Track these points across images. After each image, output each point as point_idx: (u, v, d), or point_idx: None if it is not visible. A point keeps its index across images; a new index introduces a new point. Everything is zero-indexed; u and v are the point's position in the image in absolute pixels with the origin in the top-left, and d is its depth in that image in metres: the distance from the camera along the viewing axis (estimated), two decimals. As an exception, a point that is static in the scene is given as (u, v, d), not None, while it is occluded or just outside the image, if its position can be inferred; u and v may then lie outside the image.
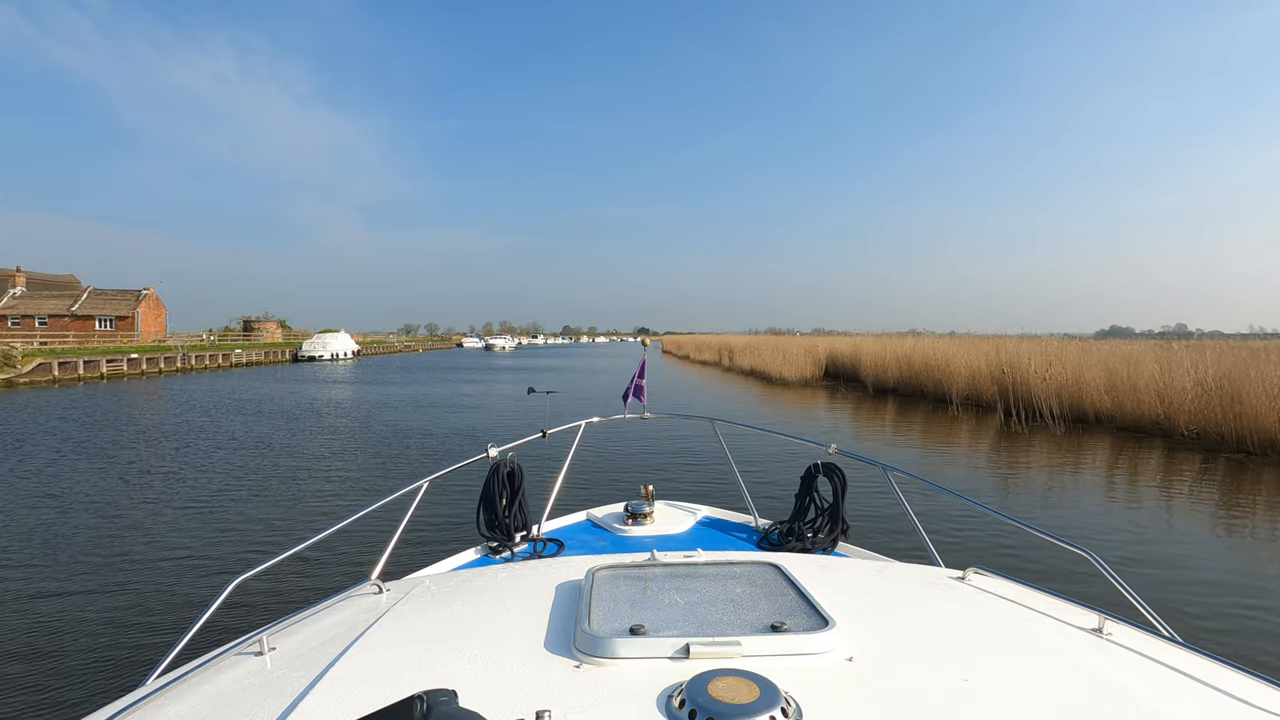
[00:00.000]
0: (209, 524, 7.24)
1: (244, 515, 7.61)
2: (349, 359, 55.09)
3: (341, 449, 12.22)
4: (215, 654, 1.26)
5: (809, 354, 30.54)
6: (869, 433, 14.90)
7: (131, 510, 7.80)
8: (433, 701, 0.78)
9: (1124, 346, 18.29)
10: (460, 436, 13.67)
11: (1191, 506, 8.32)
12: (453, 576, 1.75)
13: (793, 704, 0.97)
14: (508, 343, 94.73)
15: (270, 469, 10.32)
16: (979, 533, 6.80)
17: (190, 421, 15.96)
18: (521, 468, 2.87)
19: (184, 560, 6.05)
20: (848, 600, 1.39)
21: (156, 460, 10.99)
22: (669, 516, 3.14)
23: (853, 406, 20.13)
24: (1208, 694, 1.10)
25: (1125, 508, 8.25)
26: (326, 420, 16.46)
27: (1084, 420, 15.41)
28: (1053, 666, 1.15)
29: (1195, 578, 5.74)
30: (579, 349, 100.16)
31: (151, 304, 54.47)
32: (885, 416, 17.83)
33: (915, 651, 1.18)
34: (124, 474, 9.89)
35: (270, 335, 66.94)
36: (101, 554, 6.21)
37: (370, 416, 17.21)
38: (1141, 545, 6.69)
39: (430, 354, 71.62)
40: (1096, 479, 9.93)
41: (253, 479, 9.55)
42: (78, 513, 7.68)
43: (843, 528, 2.77)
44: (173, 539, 6.70)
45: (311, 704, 1.04)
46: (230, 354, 44.42)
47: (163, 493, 8.69)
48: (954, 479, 9.77)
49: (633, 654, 1.12)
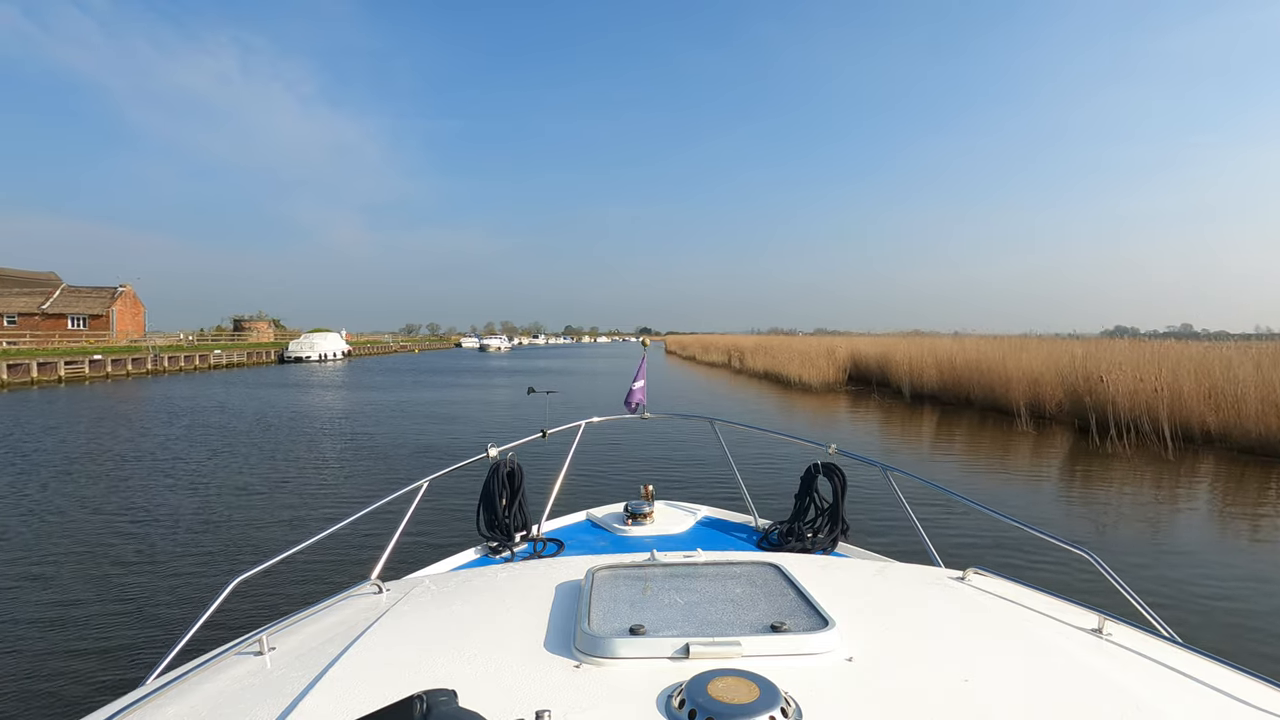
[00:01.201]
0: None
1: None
2: (339, 360, 52.77)
3: (265, 481, 9.54)
4: (215, 653, 1.26)
5: (828, 355, 27.79)
6: (922, 449, 12.79)
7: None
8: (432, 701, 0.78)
9: (1203, 349, 15.18)
10: (436, 454, 11.78)
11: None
12: (453, 576, 1.75)
13: (792, 704, 0.97)
14: (503, 343, 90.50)
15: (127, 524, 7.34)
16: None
17: (98, 442, 12.86)
18: (521, 468, 2.87)
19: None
20: (847, 600, 1.39)
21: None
22: (669, 516, 3.14)
23: (886, 414, 18.01)
24: (1207, 694, 1.10)
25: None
26: (272, 435, 13.85)
27: (1190, 439, 12.60)
28: (1052, 667, 1.15)
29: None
30: (580, 349, 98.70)
31: (128, 302, 51.62)
32: (932, 428, 15.62)
33: (915, 652, 1.18)
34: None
35: (262, 335, 65.21)
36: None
37: (327, 430, 14.64)
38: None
39: (426, 355, 69.59)
40: (1266, 521, 7.62)
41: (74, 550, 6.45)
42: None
43: (843, 528, 2.77)
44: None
45: (311, 704, 1.04)
46: (209, 355, 41.61)
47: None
48: (1056, 514, 8.03)
49: (632, 654, 1.12)
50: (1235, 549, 6.78)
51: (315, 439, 13.58)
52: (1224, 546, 6.88)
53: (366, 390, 26.07)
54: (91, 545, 6.63)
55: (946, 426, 15.95)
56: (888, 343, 28.24)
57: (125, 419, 16.93)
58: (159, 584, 5.61)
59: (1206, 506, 8.48)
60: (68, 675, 4.12)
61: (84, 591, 5.43)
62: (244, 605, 4.72)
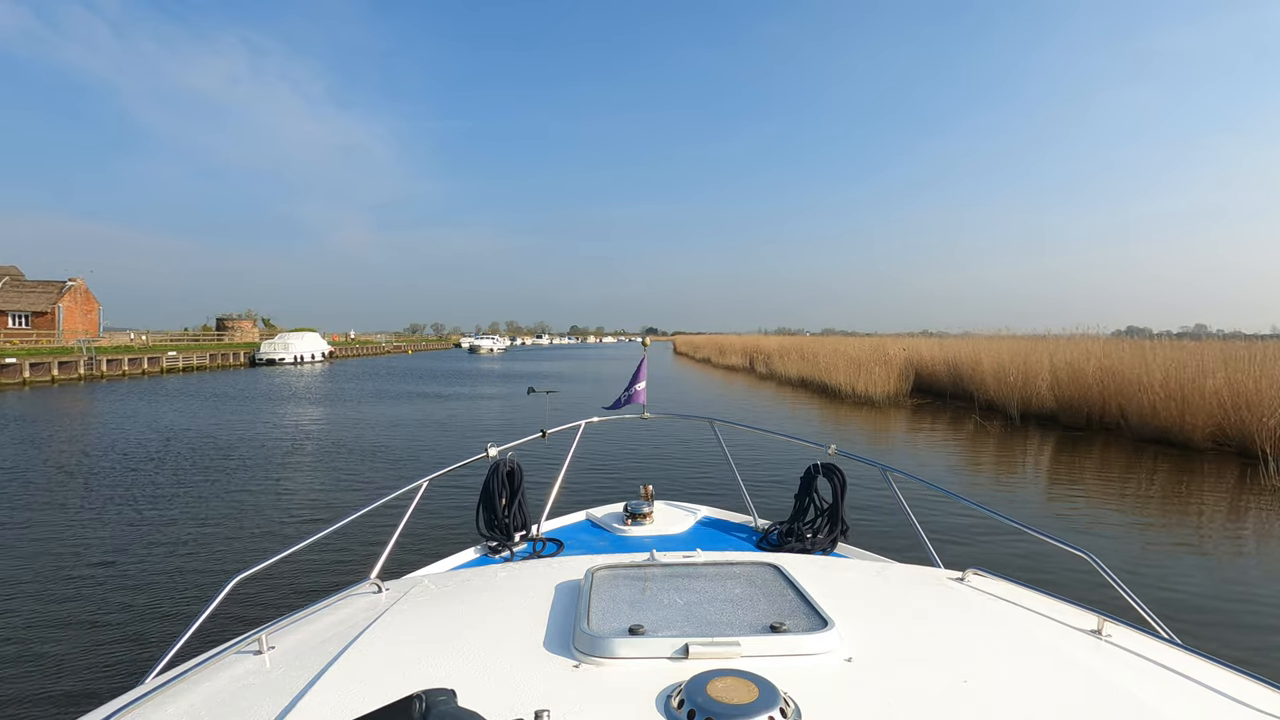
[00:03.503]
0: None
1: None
2: (317, 363, 49.13)
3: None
4: (214, 652, 1.26)
5: (881, 359, 22.29)
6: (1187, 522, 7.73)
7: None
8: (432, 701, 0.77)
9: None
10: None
11: None
12: (452, 576, 1.75)
13: (791, 704, 0.97)
14: (495, 344, 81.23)
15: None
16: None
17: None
18: (521, 467, 2.87)
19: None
20: (847, 601, 1.39)
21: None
22: (668, 516, 3.14)
23: (1010, 443, 13.27)
24: (1206, 695, 1.10)
25: None
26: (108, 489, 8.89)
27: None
28: (1051, 667, 1.15)
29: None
30: (583, 350, 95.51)
31: (79, 298, 46.07)
32: (1099, 465, 11.08)
33: (914, 652, 1.18)
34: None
35: (245, 335, 61.90)
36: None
37: (209, 476, 9.82)
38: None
39: (420, 356, 65.61)
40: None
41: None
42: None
43: (842, 528, 2.77)
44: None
45: (311, 703, 1.04)
46: (160, 358, 36.46)
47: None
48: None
49: (632, 654, 1.12)
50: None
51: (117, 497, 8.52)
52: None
53: (313, 405, 20.45)
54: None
55: (1133, 468, 10.90)
56: (975, 344, 21.82)
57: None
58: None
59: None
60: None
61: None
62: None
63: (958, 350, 21.68)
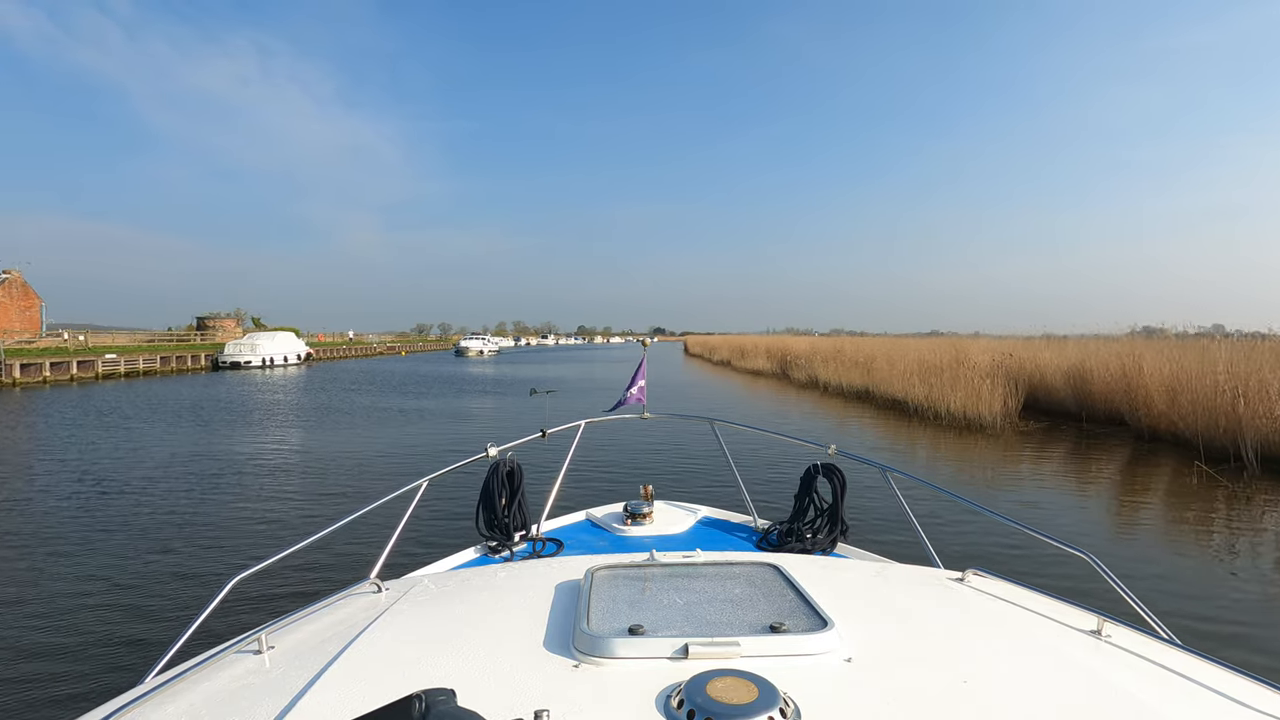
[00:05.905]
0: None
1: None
2: (290, 366, 44.11)
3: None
4: (214, 652, 1.26)
5: (962, 365, 17.00)
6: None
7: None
8: (431, 700, 0.77)
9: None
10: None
11: None
12: (452, 576, 1.75)
13: (791, 704, 0.97)
14: (485, 345, 71.50)
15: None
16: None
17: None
18: (521, 467, 2.87)
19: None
20: (847, 601, 1.39)
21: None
22: (668, 516, 3.14)
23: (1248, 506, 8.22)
24: (1206, 696, 1.10)
25: None
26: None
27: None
28: (1051, 668, 1.15)
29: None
30: (588, 350, 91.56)
31: (14, 291, 40.93)
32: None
33: (914, 652, 1.18)
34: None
35: (228, 335, 57.06)
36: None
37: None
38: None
39: (412, 358, 59.45)
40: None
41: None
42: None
43: (842, 528, 2.77)
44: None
45: (310, 702, 1.04)
46: (97, 361, 31.52)
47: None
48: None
49: (631, 654, 1.12)
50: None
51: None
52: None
53: (249, 429, 15.01)
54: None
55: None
56: (1135, 345, 15.24)
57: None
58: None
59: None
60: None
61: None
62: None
63: (1100, 355, 15.58)
